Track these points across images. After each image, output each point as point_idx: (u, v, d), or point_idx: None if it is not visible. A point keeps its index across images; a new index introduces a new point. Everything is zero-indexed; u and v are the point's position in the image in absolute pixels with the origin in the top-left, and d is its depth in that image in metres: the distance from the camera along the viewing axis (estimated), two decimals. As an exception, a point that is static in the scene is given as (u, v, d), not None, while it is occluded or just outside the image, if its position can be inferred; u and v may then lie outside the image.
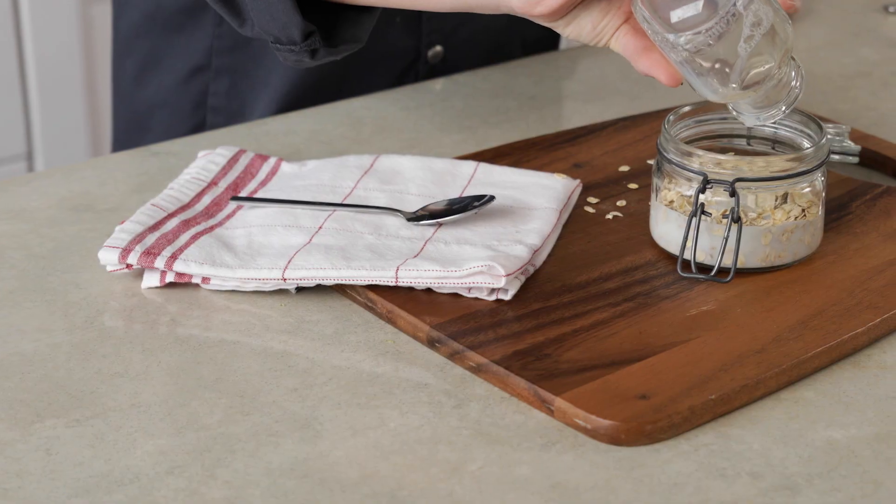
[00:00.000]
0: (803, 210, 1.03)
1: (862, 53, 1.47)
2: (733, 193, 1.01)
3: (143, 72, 1.44)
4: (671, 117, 1.07)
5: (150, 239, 1.04)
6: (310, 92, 1.38)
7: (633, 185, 1.15)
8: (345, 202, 1.10)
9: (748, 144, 1.10)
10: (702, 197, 1.02)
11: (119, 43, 1.47)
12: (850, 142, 1.20)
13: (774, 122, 1.08)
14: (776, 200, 1.02)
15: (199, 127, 1.43)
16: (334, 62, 1.32)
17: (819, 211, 1.04)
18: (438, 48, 1.42)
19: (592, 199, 1.13)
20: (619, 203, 1.13)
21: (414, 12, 1.39)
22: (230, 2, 1.12)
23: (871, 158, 1.21)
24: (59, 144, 2.54)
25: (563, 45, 1.63)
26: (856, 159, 1.19)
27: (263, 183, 1.15)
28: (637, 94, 1.36)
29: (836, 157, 1.19)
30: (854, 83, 1.39)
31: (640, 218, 1.10)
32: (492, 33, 1.46)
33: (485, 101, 1.34)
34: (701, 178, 1.02)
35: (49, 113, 2.51)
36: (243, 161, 1.17)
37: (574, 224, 1.10)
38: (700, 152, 1.03)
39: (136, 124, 1.47)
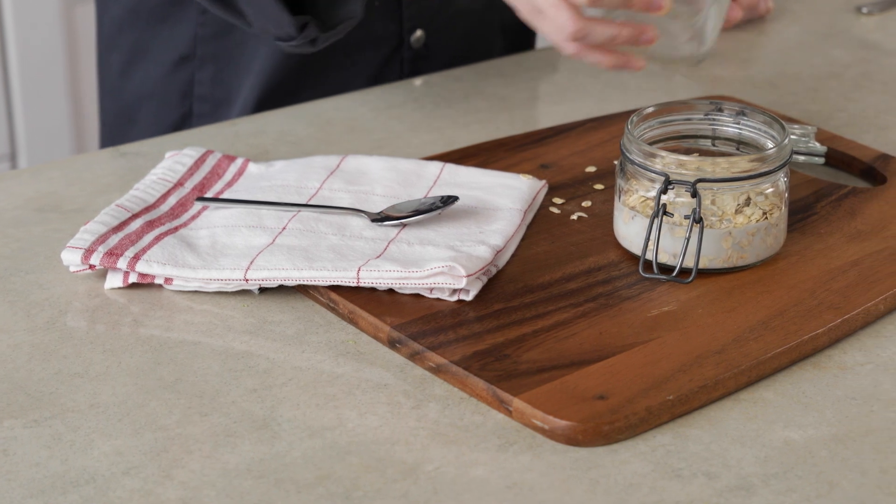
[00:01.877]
0: (765, 213, 1.03)
1: (834, 54, 1.47)
2: (695, 194, 1.01)
3: (129, 64, 1.45)
4: (634, 118, 1.07)
5: (114, 240, 1.04)
6: (293, 76, 1.39)
7: (599, 186, 1.15)
8: (309, 203, 1.10)
9: (713, 145, 1.10)
10: (665, 198, 1.02)
11: (104, 38, 1.48)
12: (816, 143, 1.20)
13: (738, 123, 1.08)
14: (738, 204, 1.02)
15: (186, 116, 1.44)
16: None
17: (781, 212, 1.04)
18: (419, 32, 1.43)
19: (558, 200, 1.13)
20: (584, 204, 1.13)
21: None
22: (234, 10, 1.22)
23: (838, 159, 1.21)
24: (43, 144, 2.54)
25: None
26: (822, 160, 1.19)
27: (230, 184, 1.15)
28: (606, 95, 1.36)
29: (802, 157, 1.19)
30: (825, 84, 1.39)
31: (604, 219, 1.10)
32: (472, 16, 1.47)
33: (455, 102, 1.34)
34: (663, 178, 1.02)
35: (32, 113, 2.51)
36: (210, 161, 1.17)
37: (538, 225, 1.10)
38: (663, 153, 1.03)
39: (123, 117, 1.48)
